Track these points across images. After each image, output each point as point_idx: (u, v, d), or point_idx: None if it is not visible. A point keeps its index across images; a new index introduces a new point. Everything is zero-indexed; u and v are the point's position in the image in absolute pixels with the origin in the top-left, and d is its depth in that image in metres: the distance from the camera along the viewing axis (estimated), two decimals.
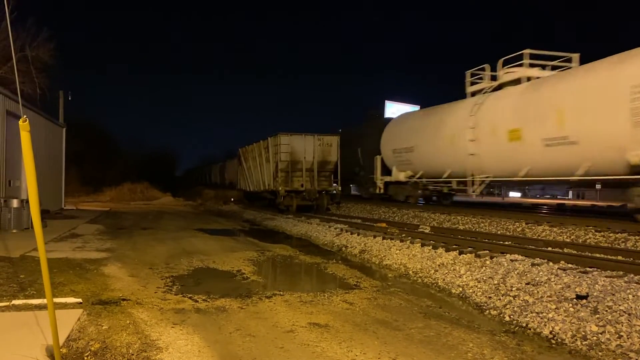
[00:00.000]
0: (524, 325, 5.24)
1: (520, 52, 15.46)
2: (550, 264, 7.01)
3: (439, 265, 8.06)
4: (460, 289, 6.86)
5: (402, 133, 20.94)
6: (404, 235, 11.14)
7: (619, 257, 7.77)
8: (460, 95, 18.38)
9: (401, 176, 20.73)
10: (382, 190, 22.49)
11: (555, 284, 6.01)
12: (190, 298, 6.17)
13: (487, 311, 5.90)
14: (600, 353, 4.35)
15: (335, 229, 13.38)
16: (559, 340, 4.75)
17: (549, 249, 8.82)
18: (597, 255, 7.90)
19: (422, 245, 9.47)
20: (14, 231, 12.40)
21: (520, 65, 15.41)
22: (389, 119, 24.20)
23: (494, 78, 16.40)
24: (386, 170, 22.15)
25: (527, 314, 5.44)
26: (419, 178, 19.71)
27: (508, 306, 5.82)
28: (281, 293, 6.56)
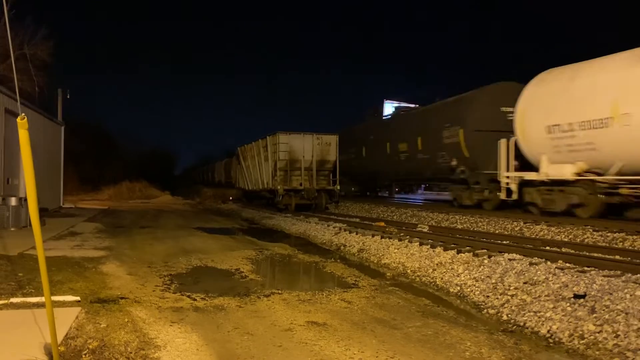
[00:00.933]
0: (522, 324, 5.25)
1: None
2: (548, 263, 7.03)
3: (437, 264, 8.07)
4: (458, 288, 6.87)
5: (572, 96, 12.18)
6: (402, 234, 11.14)
7: (617, 257, 7.78)
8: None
9: (566, 171, 12.21)
10: (514, 195, 14.11)
11: (553, 283, 6.02)
12: (188, 296, 6.17)
13: (485, 310, 5.91)
14: (597, 352, 4.36)
15: (334, 227, 13.38)
16: (557, 339, 4.76)
17: (547, 248, 8.83)
18: (595, 254, 7.91)
19: (420, 244, 9.48)
20: (13, 229, 12.39)
21: None
22: (510, 83, 15.66)
23: None
24: (522, 163, 14.04)
25: (524, 313, 5.45)
26: (617, 174, 11.27)
27: (506, 305, 5.83)
28: (279, 292, 6.57)
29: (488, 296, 6.27)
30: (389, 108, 29.37)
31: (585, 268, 6.64)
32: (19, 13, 23.27)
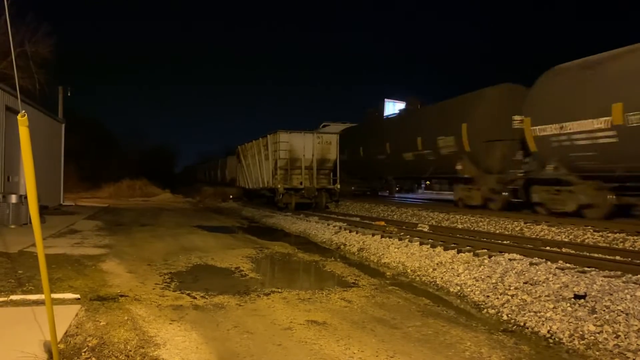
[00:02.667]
0: (522, 324, 5.25)
1: None
2: (549, 263, 7.02)
3: (437, 264, 8.07)
4: (458, 288, 6.86)
5: None
6: (402, 233, 11.13)
7: (617, 257, 7.77)
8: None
9: None
10: None
11: (553, 284, 6.02)
12: (188, 295, 6.17)
13: (485, 310, 5.91)
14: (597, 352, 4.36)
15: (334, 226, 13.38)
16: (557, 339, 4.75)
17: (547, 248, 8.82)
18: (595, 255, 7.91)
19: (421, 243, 9.48)
20: (13, 226, 12.39)
21: None
22: None
23: None
24: None
25: (525, 313, 5.44)
26: None
27: (506, 305, 5.82)
28: (279, 290, 6.56)
29: (488, 296, 6.26)
30: (390, 107, 29.29)
31: (586, 268, 6.64)
32: (20, 10, 23.27)
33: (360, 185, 27.46)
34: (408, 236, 10.42)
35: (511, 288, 6.24)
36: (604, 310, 4.98)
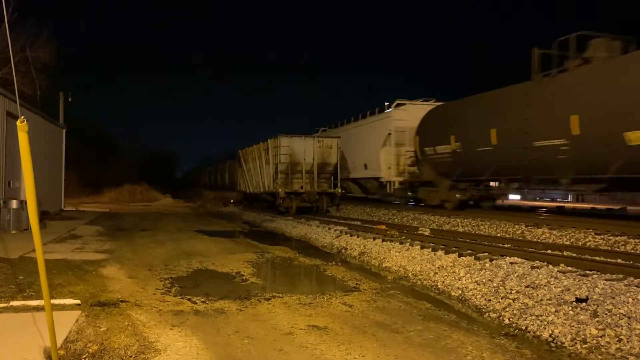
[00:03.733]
0: (524, 328, 5.23)
1: None
2: (550, 266, 7.00)
3: (438, 268, 8.05)
4: (460, 292, 6.85)
5: None
6: (403, 237, 11.12)
7: (619, 260, 7.75)
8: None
9: None
10: None
11: (554, 287, 6.00)
12: (189, 300, 6.16)
13: (487, 314, 5.89)
14: (600, 356, 4.34)
15: (335, 230, 13.36)
16: (559, 343, 4.74)
17: (549, 251, 8.80)
18: (597, 258, 7.89)
19: (422, 247, 9.46)
20: (13, 232, 12.39)
21: None
22: None
23: None
24: None
25: (526, 317, 5.43)
26: None
27: (507, 309, 5.81)
28: (280, 295, 6.55)
29: (490, 300, 6.24)
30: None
31: (587, 272, 6.62)
32: (21, 16, 23.37)
33: (473, 191, 17.53)
34: (409, 240, 10.40)
35: (513, 292, 6.23)
36: (606, 314, 4.96)
